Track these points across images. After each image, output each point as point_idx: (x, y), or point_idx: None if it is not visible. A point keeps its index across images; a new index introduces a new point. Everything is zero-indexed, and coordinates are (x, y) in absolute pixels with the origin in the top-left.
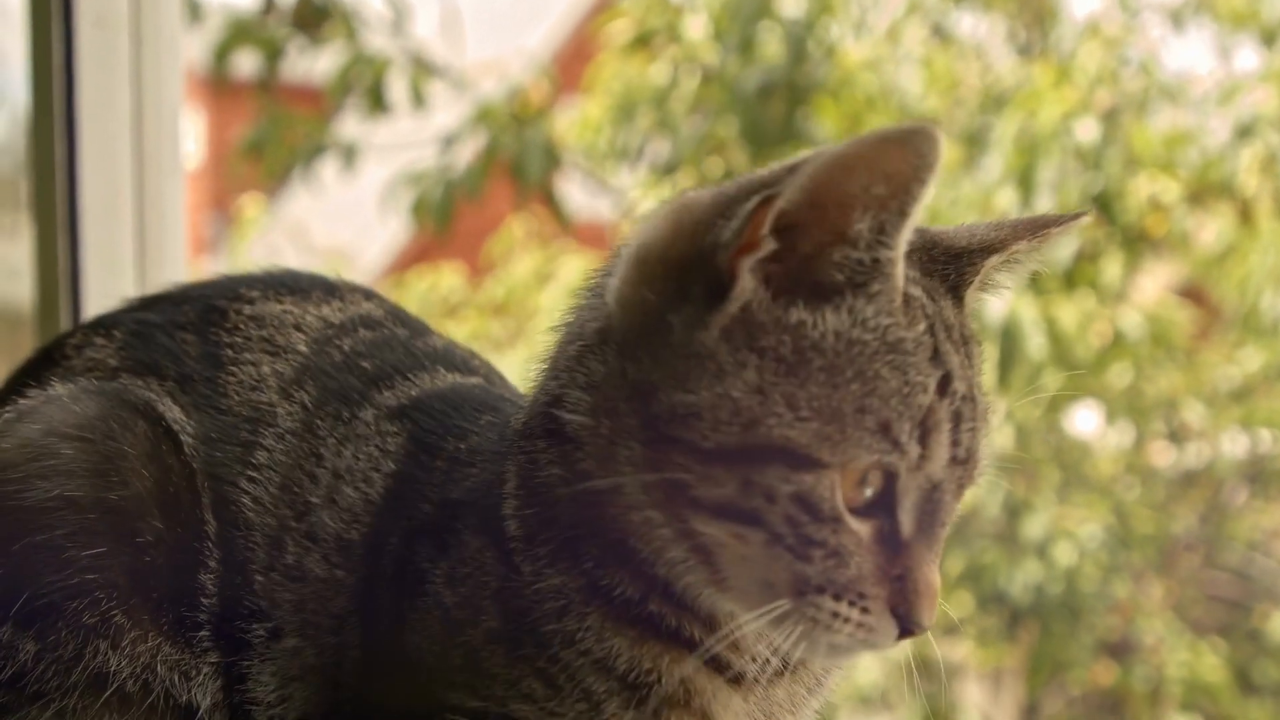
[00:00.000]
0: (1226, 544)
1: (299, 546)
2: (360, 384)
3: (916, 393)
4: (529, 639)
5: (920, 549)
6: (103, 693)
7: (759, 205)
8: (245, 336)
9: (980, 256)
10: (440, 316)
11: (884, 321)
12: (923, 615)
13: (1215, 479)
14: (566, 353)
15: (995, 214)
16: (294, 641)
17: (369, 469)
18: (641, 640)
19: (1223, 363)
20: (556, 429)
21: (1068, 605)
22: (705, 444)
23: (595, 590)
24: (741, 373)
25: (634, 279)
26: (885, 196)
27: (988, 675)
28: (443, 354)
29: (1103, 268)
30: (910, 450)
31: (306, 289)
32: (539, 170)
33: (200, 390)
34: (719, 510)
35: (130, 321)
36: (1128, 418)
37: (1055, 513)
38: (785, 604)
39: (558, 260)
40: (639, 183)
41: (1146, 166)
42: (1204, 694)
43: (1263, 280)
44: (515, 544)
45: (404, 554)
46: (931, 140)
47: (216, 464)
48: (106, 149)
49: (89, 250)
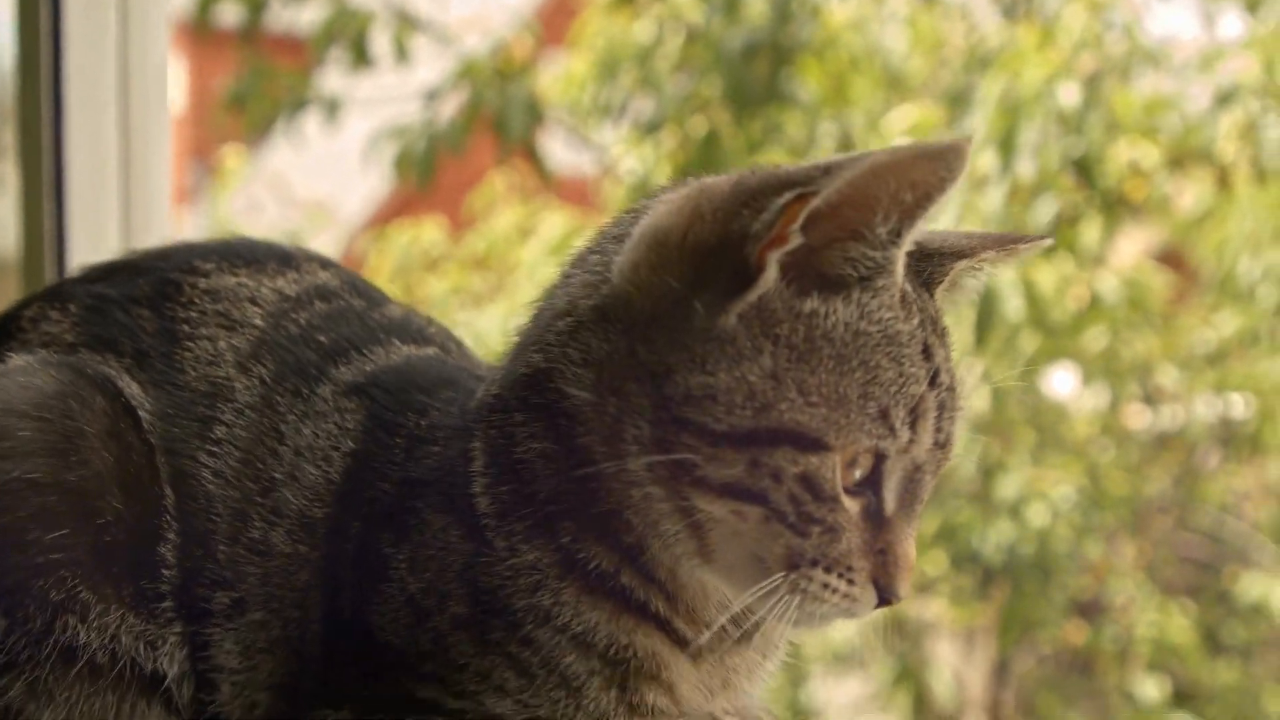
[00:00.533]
0: (1198, 506)
1: (264, 521)
2: (318, 359)
3: (910, 383)
4: (499, 621)
5: (901, 525)
6: (74, 664)
7: (792, 201)
8: (200, 311)
9: (950, 260)
10: (421, 270)
11: (886, 315)
12: (901, 586)
13: (1189, 442)
14: (555, 327)
15: (975, 176)
16: (259, 614)
17: (329, 447)
18: (617, 614)
19: (1199, 326)
20: (544, 403)
21: (1040, 565)
22: (718, 426)
23: (571, 563)
24: (759, 358)
25: (651, 262)
26: (909, 203)
27: (960, 634)
28: (399, 325)
29: (1081, 231)
30: (902, 435)
31: (262, 260)
32: (521, 126)
33: (157, 366)
34: (724, 489)
35: (85, 295)
36: (1103, 380)
37: (1029, 474)
38: (778, 578)
39: (539, 215)
40: (622, 139)
41: (1127, 131)
42: (1172, 654)
43: (1239, 245)
44: (487, 520)
45: (366, 539)
46: (962, 157)
47: (174, 439)
48: (92, 99)
49: (74, 199)
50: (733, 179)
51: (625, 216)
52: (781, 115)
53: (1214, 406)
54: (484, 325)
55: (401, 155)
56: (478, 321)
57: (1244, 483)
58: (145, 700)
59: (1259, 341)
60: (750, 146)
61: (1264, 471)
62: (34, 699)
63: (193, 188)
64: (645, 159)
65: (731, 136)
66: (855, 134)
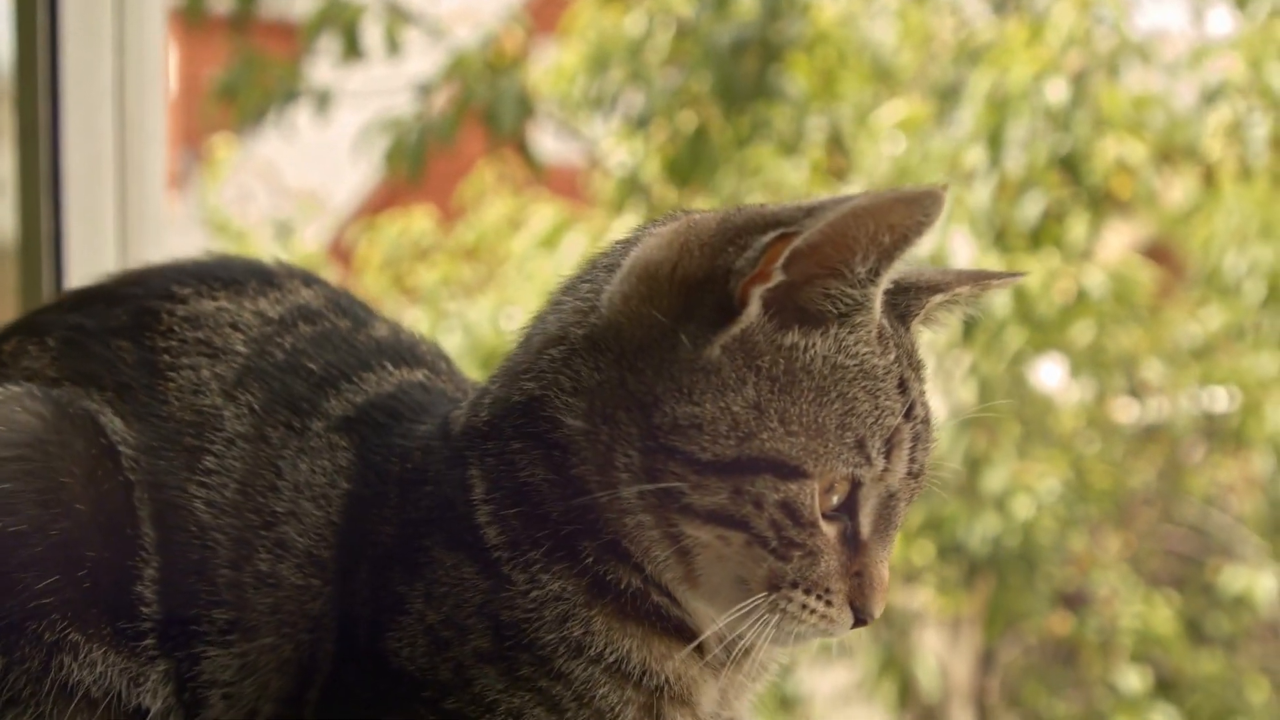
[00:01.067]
0: (1183, 499)
1: (270, 554)
2: (307, 389)
3: (886, 415)
4: (526, 656)
5: (876, 549)
6: (72, 700)
7: (775, 240)
8: (181, 340)
9: (927, 294)
10: (411, 260)
11: (863, 350)
12: (875, 608)
13: (1174, 435)
14: (548, 355)
15: (963, 172)
16: (270, 639)
17: (326, 486)
18: (647, 639)
19: (1185, 321)
20: (539, 432)
21: (1025, 557)
22: (703, 455)
23: (601, 587)
24: (742, 389)
25: (641, 294)
26: (887, 244)
27: (946, 623)
28: (389, 347)
29: (1068, 227)
30: (877, 464)
31: (241, 280)
32: (512, 119)
33: (140, 399)
34: (709, 516)
35: (62, 328)
36: (1090, 374)
37: (1015, 466)
38: (759, 598)
39: (529, 207)
40: (612, 133)
41: (1115, 128)
42: (1155, 645)
43: (1225, 241)
44: (499, 553)
45: (376, 579)
46: (939, 203)
47: (160, 472)
48: (88, 88)
49: (71, 187)
50: (719, 216)
51: (616, 247)
52: (770, 110)
53: (1199, 400)
54: (474, 316)
55: (393, 148)
56: (468, 312)
57: (1228, 476)
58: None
59: (1244, 336)
60: (739, 141)
61: (1248, 465)
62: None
63: (182, 174)
64: (635, 152)
65: (720, 131)
66: (844, 128)
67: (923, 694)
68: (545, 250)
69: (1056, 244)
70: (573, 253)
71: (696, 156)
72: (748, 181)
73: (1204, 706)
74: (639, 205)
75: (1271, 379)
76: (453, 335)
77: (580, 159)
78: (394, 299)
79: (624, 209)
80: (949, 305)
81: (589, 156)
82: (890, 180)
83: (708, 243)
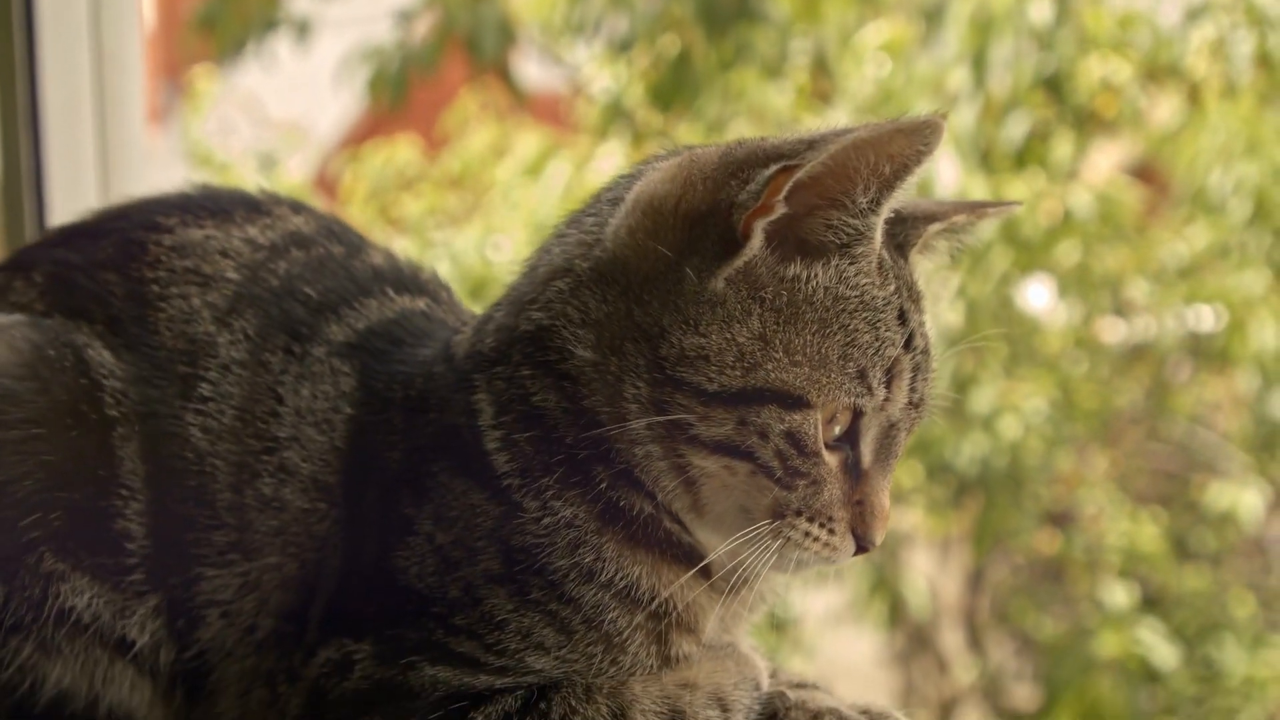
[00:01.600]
0: (1169, 417)
1: (274, 479)
2: (306, 314)
3: (887, 345)
4: (536, 580)
5: (877, 478)
6: (66, 623)
7: (778, 173)
8: (169, 269)
9: (924, 223)
10: (396, 190)
11: (863, 281)
12: (877, 535)
13: (1159, 354)
14: (554, 286)
15: (948, 93)
16: (275, 558)
17: (329, 410)
18: (656, 566)
19: (1170, 240)
20: (549, 361)
21: (1012, 476)
22: (710, 386)
23: (613, 513)
24: (747, 320)
25: (646, 227)
26: (888, 174)
27: (936, 543)
28: (389, 274)
29: (1053, 147)
30: (878, 394)
31: (228, 209)
32: (494, 45)
33: (130, 330)
34: (716, 447)
35: (48, 263)
36: (1076, 294)
37: (1002, 387)
38: (763, 525)
39: (513, 135)
40: (594, 58)
41: (1099, 47)
42: (1141, 562)
43: (1211, 159)
44: (510, 480)
45: (384, 502)
46: (938, 132)
47: (153, 401)
48: (64, 21)
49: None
50: (721, 150)
51: (620, 180)
52: (753, 33)
53: (1185, 319)
54: (461, 245)
55: (374, 76)
56: (454, 241)
57: (1214, 394)
58: (119, 660)
59: (1229, 254)
60: (722, 65)
61: (1233, 383)
62: (46, 657)
63: (164, 107)
64: (618, 77)
65: (703, 55)
66: (828, 51)
67: (912, 614)
68: (530, 178)
69: (1042, 165)
70: (557, 180)
71: (680, 81)
72: (731, 106)
73: (1190, 621)
74: (623, 131)
75: (1256, 297)
76: (440, 265)
77: (563, 85)
78: (380, 229)
79: (608, 135)
80: (946, 234)
81: (572, 83)
82: (875, 103)
83: (710, 176)
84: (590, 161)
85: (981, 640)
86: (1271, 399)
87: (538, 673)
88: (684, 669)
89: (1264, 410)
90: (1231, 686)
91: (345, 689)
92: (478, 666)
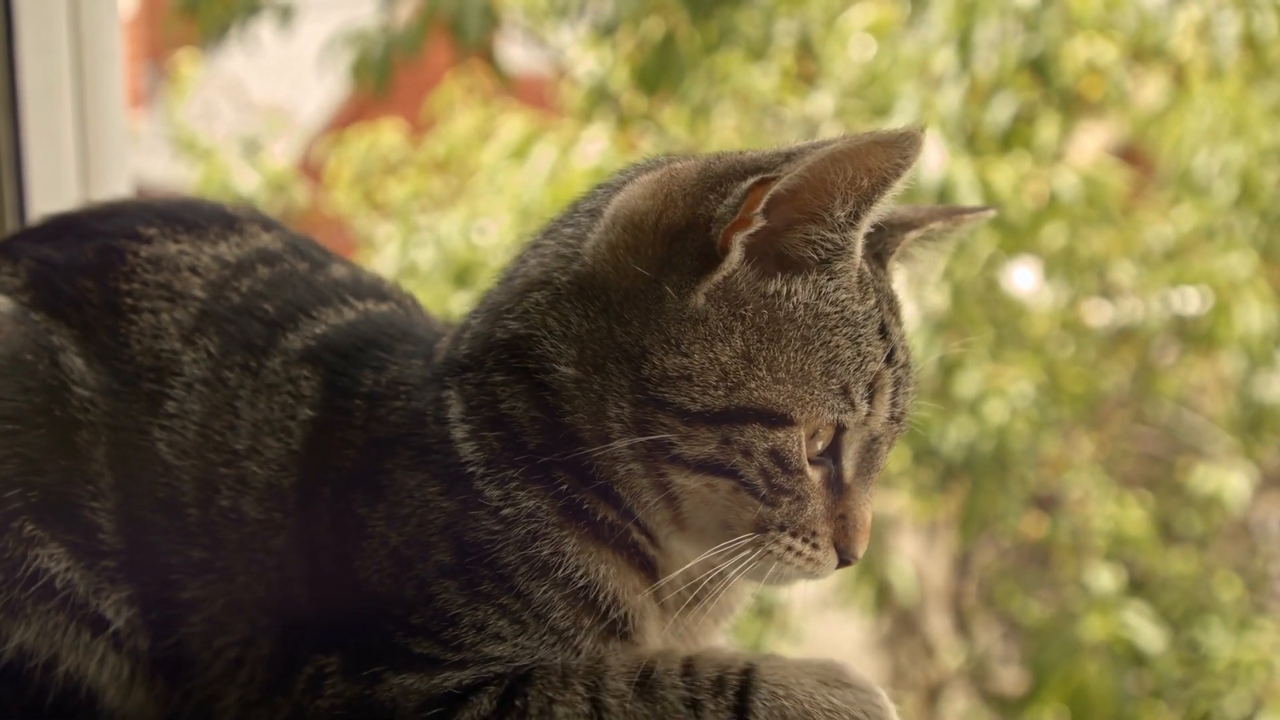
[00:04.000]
0: (1155, 400)
1: (232, 491)
2: (264, 329)
3: (869, 360)
4: (486, 573)
5: (859, 492)
6: (37, 583)
7: (755, 186)
8: (143, 282)
9: (901, 231)
10: (380, 175)
11: (843, 297)
12: (859, 549)
13: (1145, 337)
14: (531, 298)
15: (933, 75)
16: (244, 578)
17: (285, 418)
18: (622, 571)
19: (1156, 222)
20: (526, 370)
21: (998, 460)
22: (693, 406)
23: (575, 511)
24: (730, 338)
25: (625, 244)
26: (866, 188)
27: (922, 528)
28: (349, 284)
29: (1039, 129)
30: (861, 409)
31: (204, 224)
32: (478, 28)
33: (103, 340)
34: (699, 465)
35: (32, 258)
36: (1062, 277)
37: (988, 370)
38: (745, 538)
39: (498, 118)
40: (579, 41)
41: (1084, 28)
42: (1127, 545)
43: (1197, 141)
44: (474, 468)
45: (338, 503)
46: (917, 145)
47: (120, 414)
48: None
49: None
50: (700, 164)
51: (598, 191)
52: (738, 15)
53: (1170, 302)
54: (445, 229)
55: (358, 60)
56: (439, 225)
57: (1199, 376)
58: (90, 633)
59: (1215, 236)
60: (707, 47)
61: (1219, 365)
62: (12, 618)
63: (147, 91)
64: (602, 60)
65: (688, 37)
66: (813, 33)
67: (899, 598)
68: (515, 161)
69: (1027, 147)
70: (542, 163)
71: (664, 64)
72: (716, 89)
73: (1176, 604)
74: (607, 114)
75: (1242, 279)
76: (425, 249)
77: (548, 69)
78: (365, 214)
79: (592, 118)
80: (923, 241)
81: (556, 66)
82: (860, 85)
83: (690, 192)
84: (575, 145)
85: (968, 624)
86: (1257, 381)
87: (498, 659)
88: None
89: (1249, 393)
90: (1217, 669)
91: (320, 708)
92: (438, 665)
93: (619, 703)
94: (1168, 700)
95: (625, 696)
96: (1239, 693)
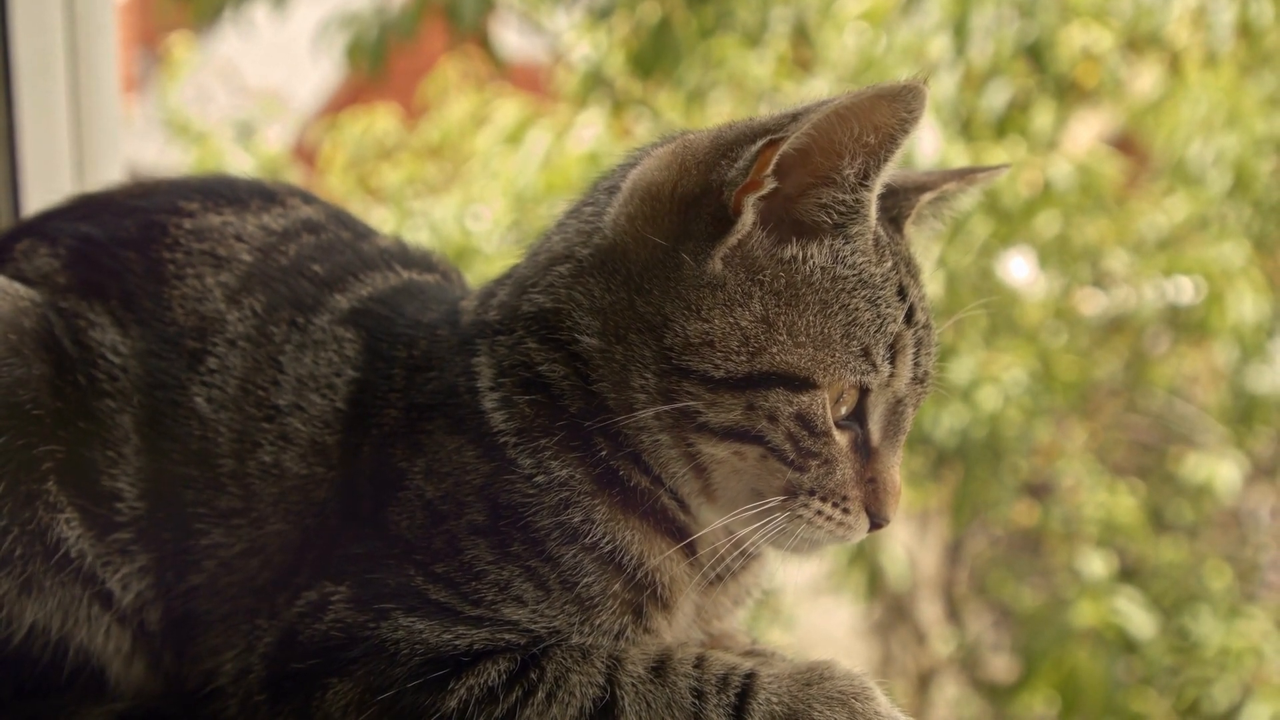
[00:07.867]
0: (1147, 389)
1: (274, 446)
2: (313, 287)
3: (888, 322)
4: (519, 535)
5: (887, 455)
6: (54, 555)
7: (764, 147)
8: (186, 251)
9: (915, 194)
10: (375, 159)
11: (860, 260)
12: (890, 512)
13: (1138, 326)
14: (555, 271)
15: (929, 62)
16: (278, 525)
17: (331, 375)
18: (649, 535)
19: (1150, 211)
20: (558, 340)
21: (991, 448)
22: (716, 372)
23: (609, 479)
24: (749, 303)
25: (645, 214)
26: (874, 145)
27: (914, 515)
28: (397, 253)
29: (1034, 116)
30: (883, 370)
31: (244, 198)
32: (473, 13)
33: (144, 304)
34: (725, 433)
35: (72, 236)
36: (1055, 265)
37: (981, 358)
38: (773, 503)
39: (493, 103)
40: (574, 26)
41: (1080, 16)
42: (1119, 533)
43: (1191, 130)
44: (506, 438)
45: (379, 457)
46: (920, 97)
47: (159, 372)
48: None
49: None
50: (713, 133)
51: (616, 169)
52: (734, 1)
53: (1164, 291)
54: (440, 214)
55: (353, 44)
56: (433, 210)
57: (1192, 365)
58: (99, 605)
59: (1209, 226)
60: (703, 32)
61: (1211, 355)
62: (26, 594)
63: (141, 76)
64: (598, 45)
65: (684, 22)
66: (808, 19)
67: (891, 585)
68: (509, 146)
69: (1022, 134)
70: (537, 148)
71: (660, 49)
72: (712, 74)
73: (1167, 592)
74: (602, 99)
75: (1235, 269)
76: (419, 234)
77: (543, 54)
78: (359, 199)
79: (587, 103)
80: (938, 203)
81: (552, 51)
82: (856, 71)
83: (703, 160)
84: (570, 130)
85: (959, 611)
86: (1249, 371)
87: (514, 625)
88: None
89: (1241, 382)
90: (1207, 656)
91: (316, 631)
92: (453, 616)
93: (633, 682)
94: (1158, 687)
95: (641, 678)
96: (1228, 680)
